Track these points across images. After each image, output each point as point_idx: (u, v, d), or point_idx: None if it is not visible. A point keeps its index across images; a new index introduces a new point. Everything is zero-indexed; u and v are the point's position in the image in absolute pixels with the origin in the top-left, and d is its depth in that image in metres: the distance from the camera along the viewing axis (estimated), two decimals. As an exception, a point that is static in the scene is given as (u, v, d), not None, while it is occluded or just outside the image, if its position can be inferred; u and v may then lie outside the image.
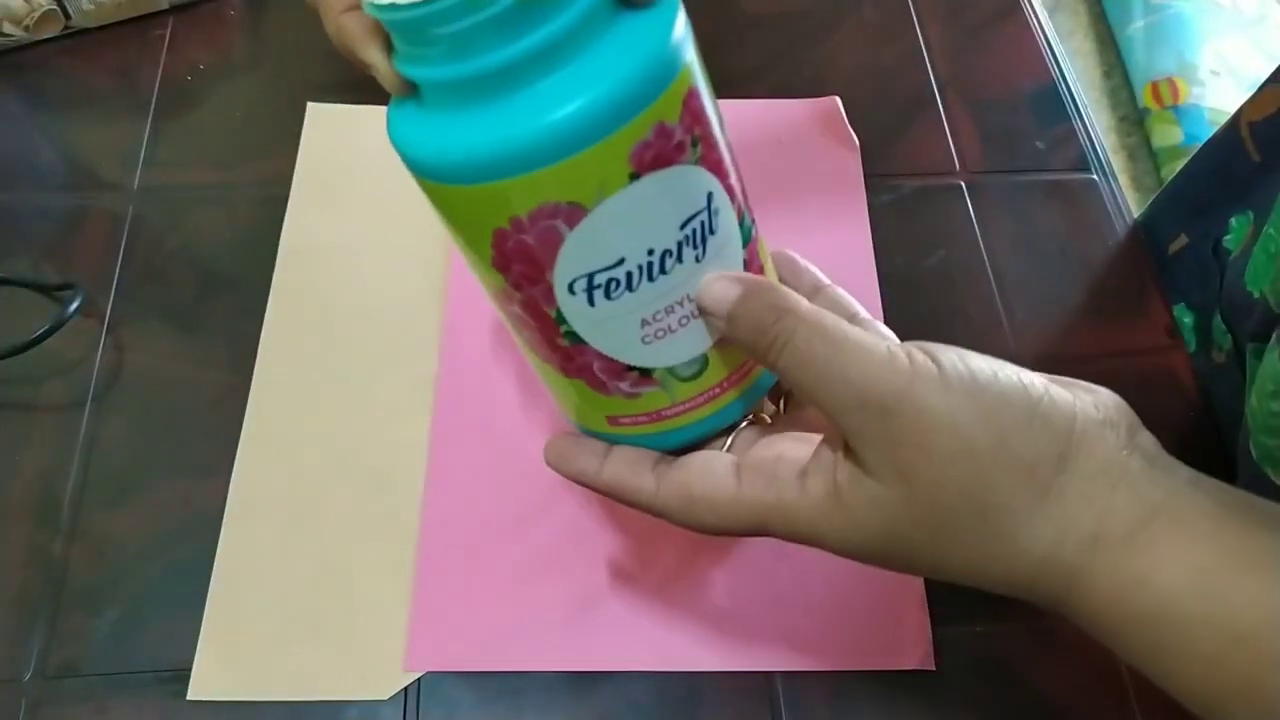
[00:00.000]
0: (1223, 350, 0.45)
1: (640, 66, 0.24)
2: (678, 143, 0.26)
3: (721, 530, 0.30)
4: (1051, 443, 0.25)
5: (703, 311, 0.28)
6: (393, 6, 0.24)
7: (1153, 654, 0.25)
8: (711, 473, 0.29)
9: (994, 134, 0.54)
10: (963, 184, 0.52)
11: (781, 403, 0.34)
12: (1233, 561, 0.24)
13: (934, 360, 0.26)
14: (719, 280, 0.28)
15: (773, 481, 0.28)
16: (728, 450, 0.31)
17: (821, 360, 0.26)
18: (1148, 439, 0.27)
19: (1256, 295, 0.41)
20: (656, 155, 0.25)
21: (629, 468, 0.31)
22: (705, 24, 0.56)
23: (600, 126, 0.24)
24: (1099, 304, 0.49)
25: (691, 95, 0.26)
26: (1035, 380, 0.26)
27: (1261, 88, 0.46)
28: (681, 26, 0.26)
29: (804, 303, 0.27)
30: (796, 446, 0.29)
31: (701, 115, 0.27)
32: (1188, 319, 0.48)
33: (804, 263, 0.34)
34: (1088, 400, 0.26)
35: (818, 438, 0.29)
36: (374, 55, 0.26)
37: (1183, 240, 0.49)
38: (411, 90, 0.26)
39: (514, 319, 0.30)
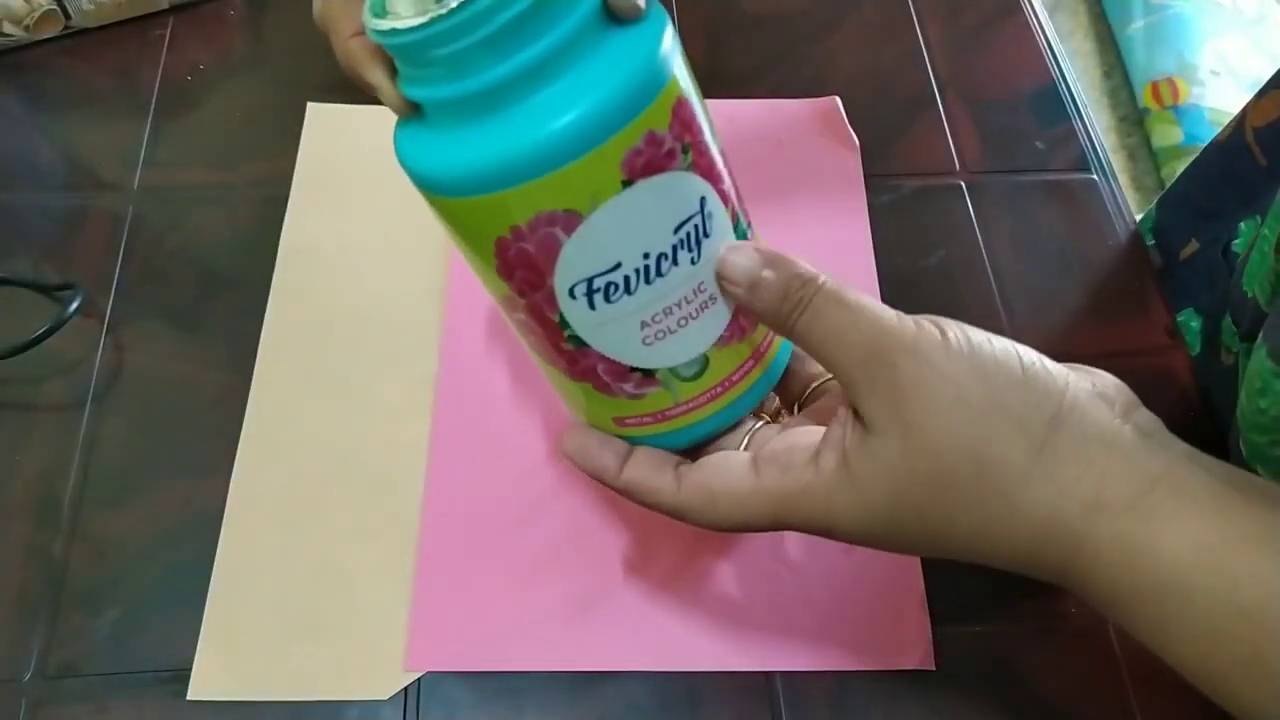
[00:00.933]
0: (1232, 352, 0.45)
1: (628, 78, 0.25)
2: (668, 150, 0.27)
3: (744, 525, 0.30)
4: (1042, 403, 0.26)
5: (722, 280, 0.29)
6: (392, 31, 0.25)
7: (1156, 626, 0.25)
8: (730, 469, 0.30)
9: (994, 134, 0.54)
10: (963, 184, 0.52)
11: (795, 407, 0.34)
12: (1236, 535, 0.24)
13: (938, 327, 0.27)
14: (739, 252, 0.29)
15: (788, 469, 0.29)
16: (744, 449, 0.32)
17: (835, 319, 0.28)
18: (1146, 416, 0.27)
19: (1250, 295, 0.41)
20: (648, 163, 0.26)
21: (650, 469, 0.31)
22: (705, 24, 0.57)
23: (591, 137, 0.25)
24: (1099, 304, 0.49)
25: (680, 104, 0.27)
26: (1030, 351, 0.28)
27: (1264, 92, 0.46)
28: (669, 40, 0.27)
29: (822, 273, 0.29)
30: (809, 435, 0.30)
31: (691, 123, 0.27)
32: (1195, 323, 0.48)
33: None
34: (1083, 376, 0.28)
35: (821, 432, 0.30)
36: (379, 78, 0.27)
37: (1194, 246, 0.49)
38: (415, 110, 0.28)
39: (520, 325, 0.30)
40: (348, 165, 0.50)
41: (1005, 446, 0.26)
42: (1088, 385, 0.27)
